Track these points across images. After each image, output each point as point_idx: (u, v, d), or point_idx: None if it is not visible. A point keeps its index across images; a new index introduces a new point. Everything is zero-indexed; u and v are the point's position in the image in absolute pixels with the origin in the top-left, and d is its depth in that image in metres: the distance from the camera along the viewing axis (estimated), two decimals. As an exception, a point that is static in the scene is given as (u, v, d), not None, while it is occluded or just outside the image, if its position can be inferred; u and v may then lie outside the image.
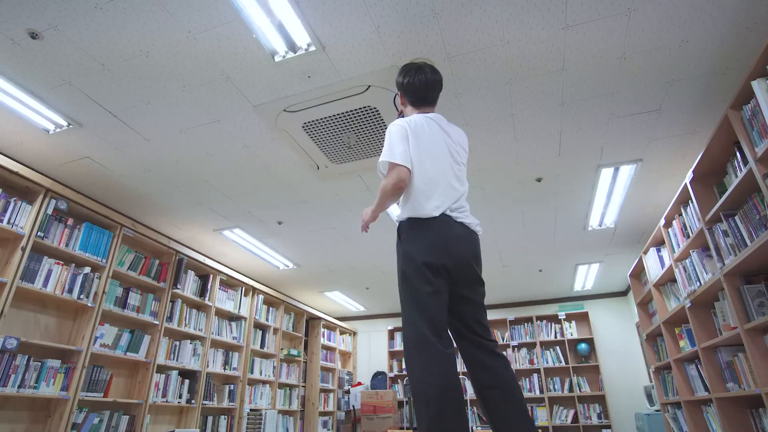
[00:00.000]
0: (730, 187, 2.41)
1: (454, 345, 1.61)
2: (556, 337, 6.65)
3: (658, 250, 3.90)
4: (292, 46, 2.24)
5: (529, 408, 6.39)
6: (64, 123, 2.79)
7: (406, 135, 1.73)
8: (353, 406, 6.64)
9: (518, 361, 6.68)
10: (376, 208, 1.78)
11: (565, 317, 6.70)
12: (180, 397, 4.28)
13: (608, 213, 4.12)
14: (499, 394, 1.54)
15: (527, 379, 6.57)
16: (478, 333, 1.64)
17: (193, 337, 4.62)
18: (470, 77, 2.47)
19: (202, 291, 4.81)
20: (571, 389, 6.29)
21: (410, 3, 2.03)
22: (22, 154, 3.14)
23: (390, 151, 1.69)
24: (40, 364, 3.08)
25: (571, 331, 6.67)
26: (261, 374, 5.61)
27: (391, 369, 7.32)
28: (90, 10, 2.04)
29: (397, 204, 1.79)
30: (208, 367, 4.66)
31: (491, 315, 7.20)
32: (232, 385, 5.07)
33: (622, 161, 3.30)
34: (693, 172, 2.87)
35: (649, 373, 5.47)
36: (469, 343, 1.64)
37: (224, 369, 5.00)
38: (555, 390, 6.37)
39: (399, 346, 7.44)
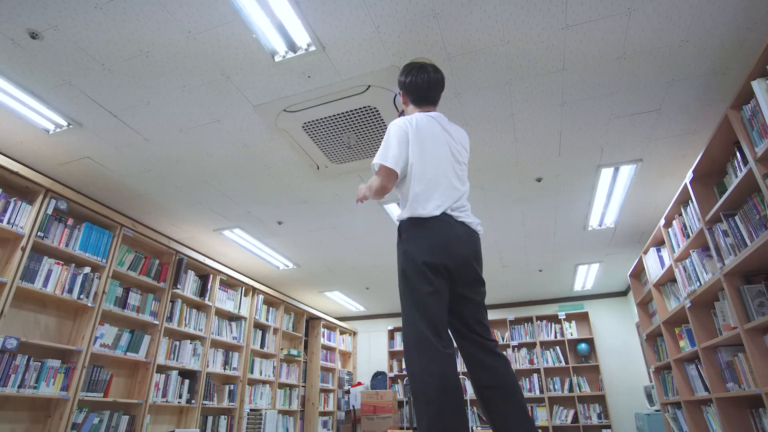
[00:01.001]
0: (730, 187, 2.41)
1: (454, 345, 1.61)
2: (556, 337, 6.65)
3: (658, 250, 3.90)
4: (292, 46, 2.24)
5: (529, 408, 6.39)
6: (64, 123, 2.79)
7: (405, 137, 1.73)
8: (353, 406, 6.64)
9: (518, 361, 6.68)
10: (366, 193, 1.83)
11: (565, 317, 6.70)
12: (180, 397, 4.28)
13: (608, 213, 4.12)
14: (499, 394, 1.54)
15: (527, 379, 6.57)
16: (478, 333, 1.64)
17: (193, 337, 4.62)
18: (470, 77, 2.47)
19: (202, 291, 4.81)
20: (571, 389, 6.29)
21: (410, 3, 2.03)
22: (22, 154, 3.14)
23: (384, 152, 1.70)
24: (40, 364, 3.08)
25: (571, 331, 6.67)
26: (261, 374, 5.61)
27: (391, 369, 7.32)
28: (90, 10, 2.04)
29: (398, 204, 1.80)
30: (208, 367, 4.66)
31: (491, 315, 7.20)
32: (232, 385, 5.07)
33: (622, 161, 3.30)
34: (693, 172, 2.87)
35: (649, 373, 5.47)
36: (470, 343, 1.64)
37: (224, 369, 5.00)
38: (555, 390, 6.37)
39: (399, 346, 7.43)
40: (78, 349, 3.33)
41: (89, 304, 3.46)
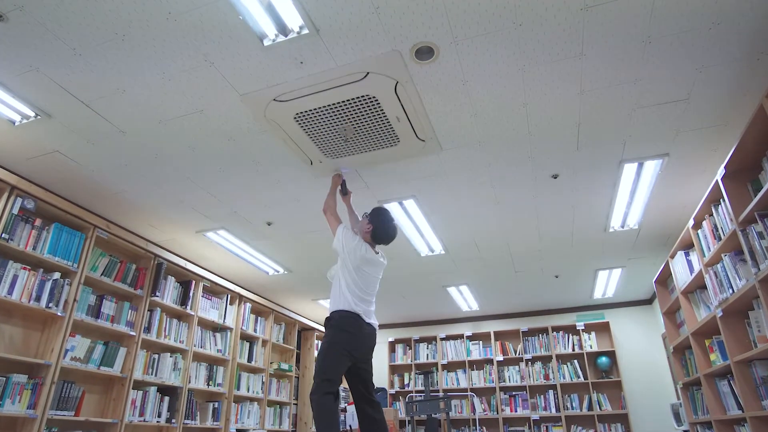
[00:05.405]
0: (766, 185, 2.41)
1: None
2: (573, 349, 6.65)
3: (687, 254, 3.90)
4: (282, 29, 2.24)
5: (544, 428, 6.39)
6: (31, 113, 2.79)
7: None
8: (350, 426, 6.63)
9: (532, 376, 6.68)
10: None
11: (583, 328, 6.70)
12: (159, 415, 4.28)
13: (631, 213, 4.12)
14: None
15: (542, 396, 6.57)
16: None
17: (173, 350, 4.62)
18: (479, 63, 2.47)
19: (184, 299, 4.81)
20: (590, 407, 6.30)
21: (413, -19, 2.03)
22: (-16, 147, 3.15)
23: None
24: (4, 379, 3.08)
25: (591, 343, 6.67)
26: (248, 391, 5.61)
27: (391, 385, 7.32)
28: (60, -11, 2.04)
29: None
30: (190, 382, 4.66)
31: (504, 325, 7.21)
32: (217, 403, 5.07)
33: (646, 156, 3.30)
34: (725, 167, 2.87)
35: (676, 390, 5.47)
36: None
37: (208, 385, 5.00)
38: (573, 408, 6.38)
39: (400, 359, 7.44)
40: (46, 362, 3.33)
41: (59, 314, 3.46)
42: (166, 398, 4.38)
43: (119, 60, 2.42)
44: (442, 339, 7.28)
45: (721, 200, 3.05)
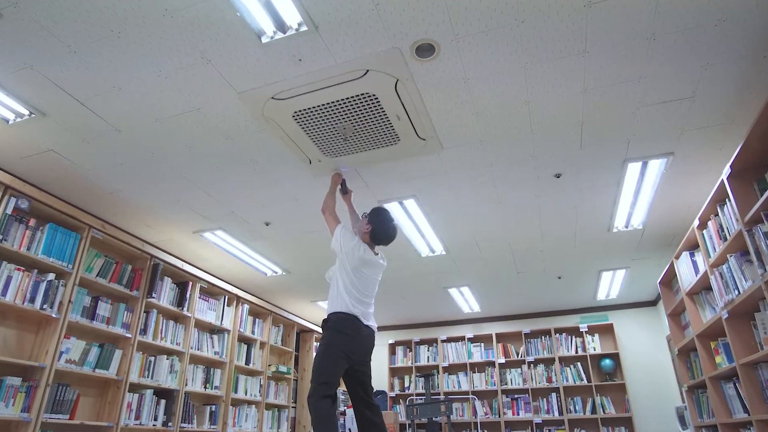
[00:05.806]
0: (773, 184, 2.41)
1: None
2: (577, 351, 6.65)
3: (692, 255, 3.90)
4: (281, 26, 2.24)
5: (547, 431, 6.39)
6: (26, 112, 2.79)
7: None
8: (349, 430, 6.63)
9: (535, 378, 6.68)
10: None
11: (587, 330, 6.70)
12: (155, 419, 4.27)
13: (635, 213, 4.12)
14: None
15: (544, 399, 6.57)
16: None
17: (170, 352, 4.62)
18: (481, 60, 2.47)
19: (180, 300, 4.81)
20: (594, 410, 6.29)
21: (413, -23, 2.03)
22: (-22, 146, 3.15)
23: None
24: (-2, 382, 3.08)
25: (594, 345, 6.67)
26: (246, 394, 5.61)
27: (392, 388, 7.32)
28: (54, -15, 2.04)
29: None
30: (186, 385, 4.66)
31: (506, 326, 7.21)
32: (214, 406, 5.07)
33: (650, 155, 3.30)
34: (730, 166, 2.86)
35: (681, 393, 5.47)
36: None
37: (205, 388, 5.00)
38: (576, 411, 6.37)
39: (401, 362, 7.44)
40: (41, 365, 3.32)
41: (53, 315, 3.46)
42: (163, 401, 4.37)
43: (115, 57, 2.42)
44: (443, 341, 7.28)
45: (727, 200, 3.05)
